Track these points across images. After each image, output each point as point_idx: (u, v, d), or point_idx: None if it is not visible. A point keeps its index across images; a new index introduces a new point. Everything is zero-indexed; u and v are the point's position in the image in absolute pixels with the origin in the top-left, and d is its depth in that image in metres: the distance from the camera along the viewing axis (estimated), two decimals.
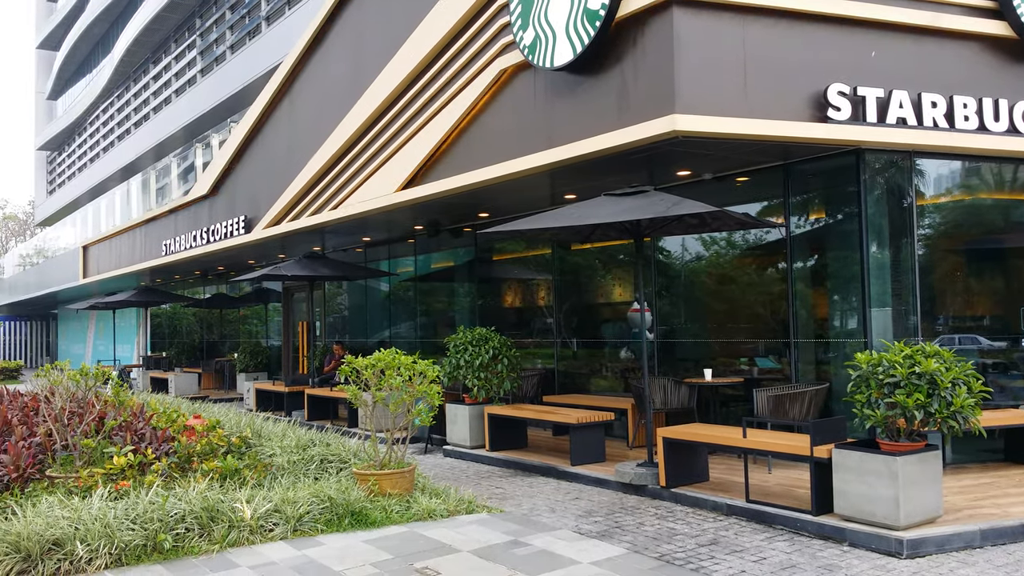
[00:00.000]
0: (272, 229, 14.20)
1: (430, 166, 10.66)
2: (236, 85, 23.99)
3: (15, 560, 5.98)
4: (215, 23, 27.54)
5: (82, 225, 29.03)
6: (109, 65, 36.45)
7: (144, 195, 24.66)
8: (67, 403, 8.90)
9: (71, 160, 46.34)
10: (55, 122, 48.42)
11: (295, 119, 14.03)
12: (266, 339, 20.97)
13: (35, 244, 39.95)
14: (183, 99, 28.63)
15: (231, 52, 25.69)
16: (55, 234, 35.44)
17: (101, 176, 38.04)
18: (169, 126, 29.47)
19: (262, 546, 6.69)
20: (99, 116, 40.74)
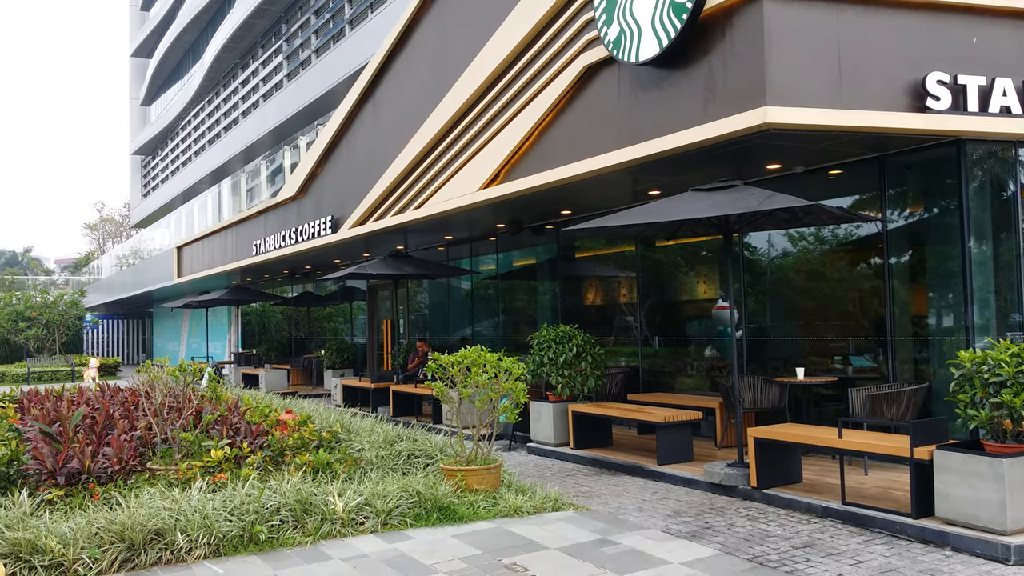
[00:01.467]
0: (357, 229, 14.45)
1: (513, 164, 10.68)
2: (321, 88, 24.54)
3: (119, 549, 6.22)
4: (300, 28, 28.21)
5: (176, 226, 30.12)
6: (199, 71, 37.72)
7: (234, 197, 25.44)
8: (166, 398, 9.24)
9: (164, 164, 48.13)
10: (148, 127, 50.37)
11: (379, 120, 14.26)
12: (351, 336, 21.38)
13: (131, 245, 41.61)
14: (270, 103, 29.41)
15: (316, 56, 26.27)
16: (150, 235, 36.88)
17: (193, 179, 39.40)
18: (257, 130, 30.33)
19: (353, 539, 6.81)
20: (190, 121, 42.20)
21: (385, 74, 13.97)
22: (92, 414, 9.78)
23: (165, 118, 45.67)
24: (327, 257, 18.25)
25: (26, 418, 10.50)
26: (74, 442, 8.21)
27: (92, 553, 6.11)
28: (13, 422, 10.03)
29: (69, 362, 31.78)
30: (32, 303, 35.32)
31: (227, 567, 6.17)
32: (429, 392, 13.05)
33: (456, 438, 8.49)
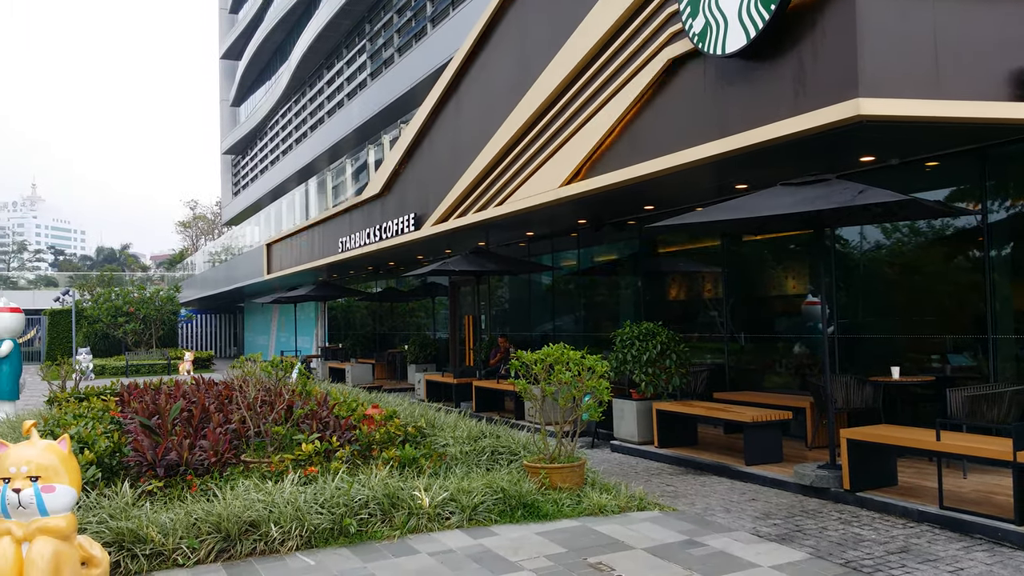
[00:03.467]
0: (440, 226, 14.60)
1: (595, 160, 10.62)
2: (403, 87, 24.86)
3: (216, 540, 6.44)
4: (383, 27, 28.63)
5: (265, 224, 30.98)
6: (286, 72, 38.67)
7: (320, 195, 26.02)
8: (259, 393, 9.52)
9: (253, 163, 49.56)
10: (238, 128, 51.93)
11: (461, 118, 14.36)
12: (433, 332, 21.64)
13: (222, 242, 43.00)
14: (354, 102, 29.95)
15: (398, 55, 26.63)
16: (240, 232, 38.04)
17: (280, 178, 40.45)
18: (342, 129, 30.93)
19: (439, 534, 6.90)
20: (278, 121, 43.32)
21: (467, 71, 14.07)
22: (189, 407, 10.14)
23: (254, 118, 47.00)
24: (410, 253, 18.50)
25: (126, 411, 10.96)
26: (172, 435, 8.54)
27: (190, 543, 6.34)
28: (114, 415, 10.47)
29: (165, 356, 33.06)
30: (130, 298, 36.85)
31: (319, 559, 6.32)
32: (511, 388, 13.12)
33: (539, 435, 8.51)
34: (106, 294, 37.62)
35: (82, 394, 13.68)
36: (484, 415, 13.48)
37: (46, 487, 5.53)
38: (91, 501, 6.83)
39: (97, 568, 5.88)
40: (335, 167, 26.16)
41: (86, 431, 8.09)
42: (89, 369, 18.30)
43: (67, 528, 5.63)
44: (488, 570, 5.93)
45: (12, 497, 5.48)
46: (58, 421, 9.58)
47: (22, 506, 5.48)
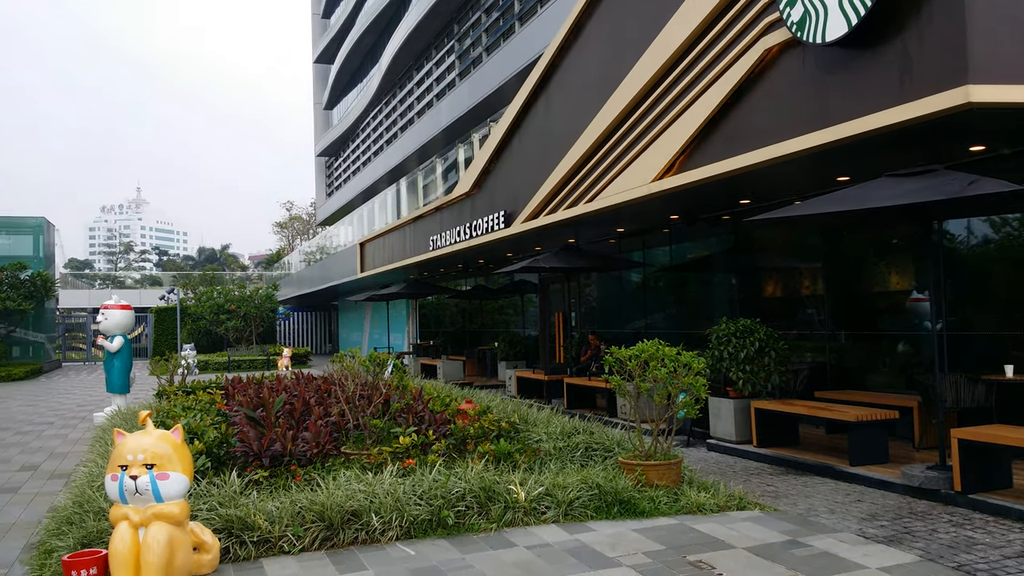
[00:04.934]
0: (530, 223, 14.63)
1: (688, 154, 10.47)
2: (492, 85, 25.02)
3: (320, 528, 6.62)
4: (471, 27, 28.87)
5: (358, 223, 31.65)
6: (377, 74, 39.42)
7: (411, 195, 26.43)
8: (357, 387, 9.73)
9: (346, 164, 50.70)
10: (331, 130, 53.20)
11: (551, 114, 14.36)
12: (522, 329, 21.71)
13: (317, 242, 44.15)
14: (443, 102, 30.31)
15: (487, 54, 26.80)
16: (334, 232, 38.97)
17: (372, 178, 41.27)
18: (431, 129, 31.34)
19: (535, 528, 6.92)
20: (369, 122, 44.20)
21: (556, 68, 14.05)
22: (290, 401, 10.46)
23: (346, 121, 48.07)
24: (500, 251, 18.60)
25: (231, 404, 11.38)
26: (276, 426, 8.80)
27: (295, 531, 6.53)
28: (220, 407, 10.88)
29: (264, 351, 34.16)
30: (231, 297, 38.21)
31: (418, 549, 6.43)
32: (603, 385, 13.07)
33: (633, 432, 8.44)
34: (208, 292, 39.11)
35: (189, 388, 14.25)
36: (576, 412, 13.46)
37: (161, 474, 5.79)
38: (201, 489, 7.10)
39: (208, 553, 6.12)
40: (425, 167, 26.52)
41: (195, 422, 8.43)
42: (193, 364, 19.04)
43: (180, 514, 5.87)
44: (586, 565, 5.92)
45: (130, 484, 5.75)
46: (168, 413, 10.00)
47: (139, 492, 5.74)
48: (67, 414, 17.95)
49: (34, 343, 35.93)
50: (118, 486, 5.77)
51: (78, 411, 18.56)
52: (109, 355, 15.68)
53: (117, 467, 5.81)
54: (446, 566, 6.01)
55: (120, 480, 5.77)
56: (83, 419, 16.76)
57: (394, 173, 36.82)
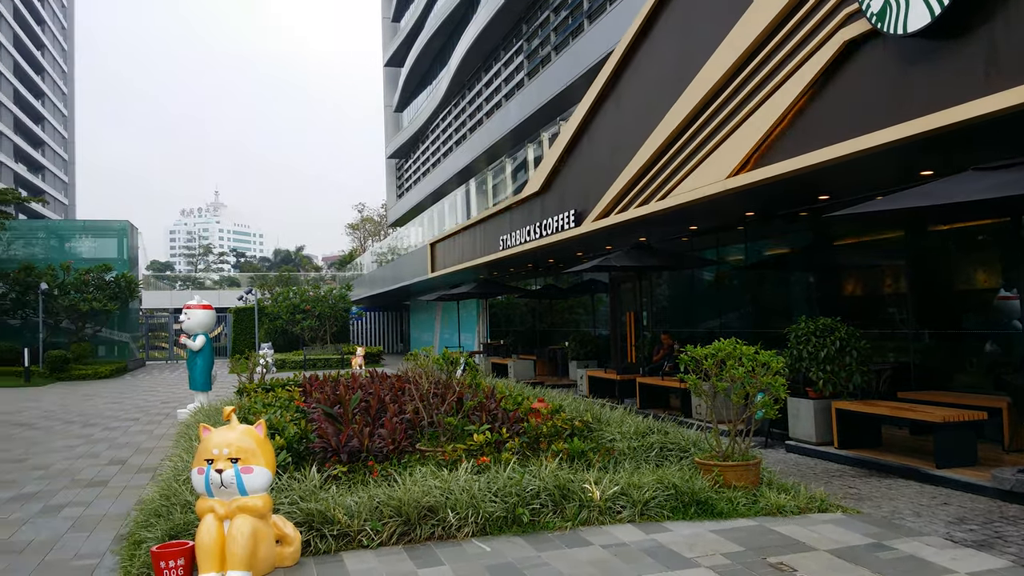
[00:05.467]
0: (600, 222, 14.55)
1: (764, 150, 10.28)
2: (561, 84, 24.98)
3: (397, 523, 6.71)
4: (540, 27, 28.89)
5: (428, 224, 31.97)
6: (446, 76, 39.75)
7: (480, 195, 26.57)
8: (431, 385, 9.83)
9: (416, 166, 51.29)
10: (401, 132, 53.88)
11: (621, 112, 14.27)
12: (593, 328, 21.62)
13: (388, 243, 44.74)
14: (512, 102, 30.39)
15: (555, 53, 26.78)
16: (404, 233, 39.45)
17: (441, 180, 41.65)
18: (500, 129, 31.46)
19: (611, 527, 6.89)
20: (438, 124, 44.62)
21: (627, 65, 13.96)
22: (366, 398, 10.61)
23: (416, 123, 48.62)
24: (570, 250, 18.56)
25: (309, 401, 11.61)
26: (353, 423, 8.95)
27: (374, 525, 6.63)
28: (298, 404, 11.11)
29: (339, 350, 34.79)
30: (306, 297, 39.02)
31: (494, 546, 6.46)
32: (676, 385, 12.93)
33: (710, 433, 8.32)
34: (284, 293, 40.01)
35: (268, 385, 14.59)
36: (649, 412, 13.34)
37: (245, 468, 5.94)
38: (283, 483, 7.27)
39: (290, 546, 6.26)
40: (494, 167, 26.61)
41: (276, 418, 8.63)
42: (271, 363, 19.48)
43: (263, 507, 6.02)
44: (663, 565, 5.86)
45: (215, 477, 5.91)
46: (249, 409, 10.25)
47: (224, 485, 5.90)
48: (152, 410, 18.58)
49: (119, 342, 37.30)
50: (204, 479, 5.95)
51: (162, 408, 19.19)
52: (192, 353, 16.16)
53: (203, 461, 5.98)
54: (522, 563, 6.02)
55: (206, 473, 5.94)
56: (167, 415, 17.32)
57: (463, 174, 37.08)
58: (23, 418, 17.56)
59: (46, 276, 32.63)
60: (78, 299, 33.25)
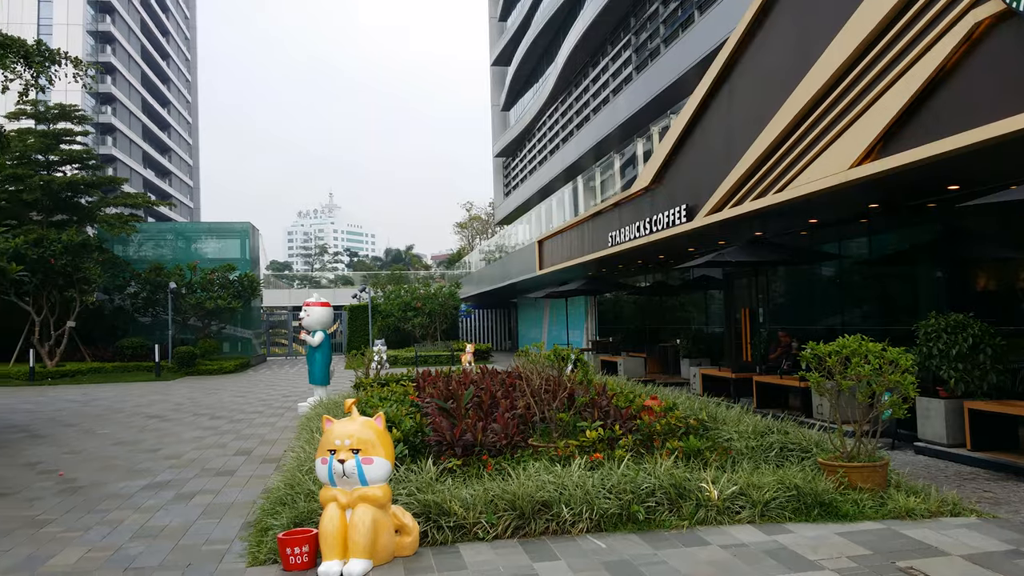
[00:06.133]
0: (713, 216, 14.24)
1: (889, 138, 9.81)
2: (670, 77, 24.61)
3: (512, 517, 6.74)
4: (648, 19, 28.54)
5: (536, 222, 32.06)
6: (553, 73, 39.76)
7: (588, 191, 26.46)
8: (541, 381, 9.84)
9: (522, 164, 51.55)
10: (508, 131, 54.24)
11: (734, 103, 13.92)
12: (705, 325, 21.21)
13: (495, 241, 45.14)
14: (620, 97, 30.13)
15: (664, 46, 26.40)
16: (512, 231, 39.70)
17: (548, 177, 41.70)
18: (607, 125, 31.25)
19: (729, 527, 6.74)
20: (545, 122, 44.70)
21: (742, 54, 13.60)
22: (478, 394, 10.73)
23: (522, 121, 48.84)
24: (681, 246, 18.25)
25: (422, 395, 11.82)
26: (466, 417, 9.06)
27: (489, 518, 6.69)
28: (413, 399, 11.33)
29: (449, 347, 35.32)
30: (417, 295, 39.81)
31: (609, 543, 6.41)
32: (795, 384, 12.54)
33: (834, 433, 8.03)
34: (396, 291, 40.94)
35: (383, 380, 14.95)
36: (766, 411, 12.98)
37: (365, 459, 6.09)
38: (400, 475, 7.42)
39: (409, 536, 6.38)
40: (602, 163, 26.45)
41: (392, 412, 8.82)
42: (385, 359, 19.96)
43: (383, 497, 6.16)
44: (785, 567, 5.69)
45: (338, 467, 6.09)
46: (367, 403, 10.51)
47: (346, 475, 6.07)
48: (274, 404, 19.32)
49: (242, 339, 38.98)
50: (327, 469, 6.14)
51: (283, 401, 19.93)
52: (311, 349, 16.71)
53: (326, 451, 6.17)
54: (638, 560, 5.95)
55: (329, 463, 6.13)
56: (288, 409, 17.98)
57: (570, 171, 37.02)
58: (155, 410, 18.56)
59: (174, 276, 34.40)
60: (204, 297, 34.93)
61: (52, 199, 33.20)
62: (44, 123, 34.93)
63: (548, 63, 42.84)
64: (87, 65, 12.63)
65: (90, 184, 34.15)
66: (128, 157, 75.14)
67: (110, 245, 34.89)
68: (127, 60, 77.67)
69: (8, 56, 10.97)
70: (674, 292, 22.79)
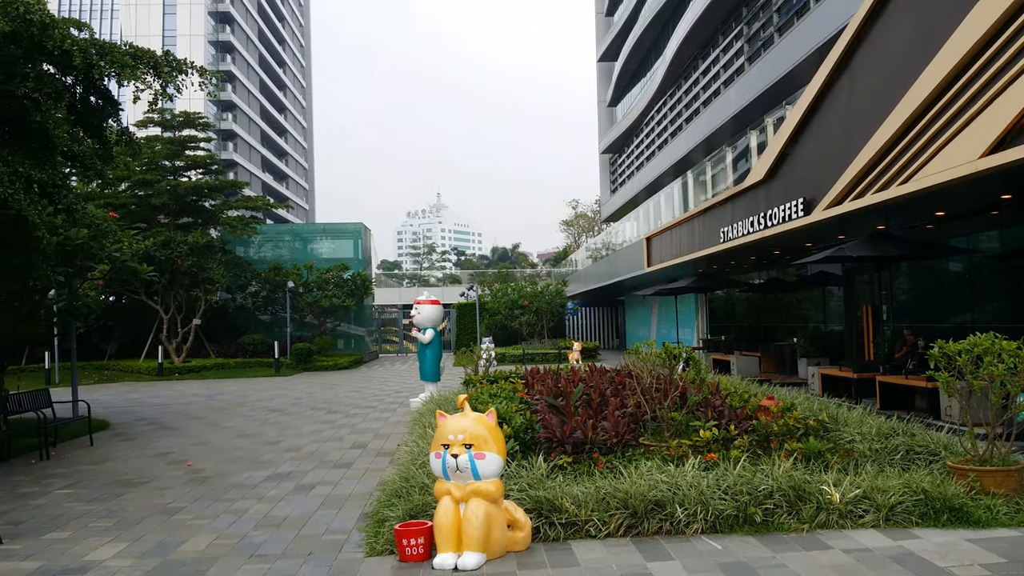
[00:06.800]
0: (832, 210, 13.72)
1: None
2: (785, 67, 23.90)
3: (624, 515, 6.68)
4: (761, 8, 27.78)
5: (644, 218, 31.69)
6: (660, 67, 39.22)
7: (698, 186, 25.97)
8: (653, 380, 9.71)
9: (629, 160, 51.07)
10: (615, 127, 53.83)
11: (854, 92, 13.37)
12: (823, 323, 20.50)
13: (601, 239, 44.87)
14: (731, 90, 29.46)
15: (778, 35, 25.65)
16: (619, 228, 39.36)
17: (656, 173, 41.16)
18: (718, 117, 30.60)
19: (852, 531, 6.50)
20: (653, 117, 44.14)
21: (861, 42, 13.05)
22: (587, 391, 10.68)
23: (629, 117, 48.39)
24: (797, 241, 17.67)
25: (531, 392, 11.86)
26: (576, 415, 9.03)
27: (601, 516, 6.65)
28: (522, 396, 11.38)
29: (555, 345, 35.34)
30: (524, 293, 40.01)
31: (725, 544, 6.27)
32: (922, 384, 11.96)
33: (964, 436, 7.61)
34: (503, 289, 41.25)
35: (491, 377, 15.08)
36: (890, 413, 12.42)
37: (478, 454, 6.15)
38: (511, 471, 7.46)
39: (521, 531, 6.41)
40: (713, 157, 25.90)
41: (503, 408, 8.88)
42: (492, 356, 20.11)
43: (496, 492, 6.21)
44: (913, 574, 5.44)
45: (451, 461, 6.17)
46: (477, 399, 10.63)
47: (459, 470, 6.15)
48: (386, 399, 19.79)
49: (355, 336, 40.06)
50: (441, 463, 6.23)
51: (395, 397, 20.39)
52: (422, 346, 17.02)
53: (440, 446, 6.27)
54: (756, 563, 5.80)
55: (443, 458, 6.22)
56: (400, 404, 18.38)
57: (679, 166, 36.44)
58: (275, 404, 19.30)
59: (292, 275, 35.70)
60: (320, 296, 36.10)
61: (178, 203, 34.99)
62: (170, 130, 36.89)
63: (656, 57, 42.29)
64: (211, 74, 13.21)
65: (213, 188, 35.81)
66: (247, 161, 78.51)
67: (232, 246, 36.48)
68: (246, 68, 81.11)
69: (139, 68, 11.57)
70: (790, 289, 22.10)
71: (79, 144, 13.01)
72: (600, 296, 45.06)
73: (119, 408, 19.22)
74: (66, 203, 11.55)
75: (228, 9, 77.15)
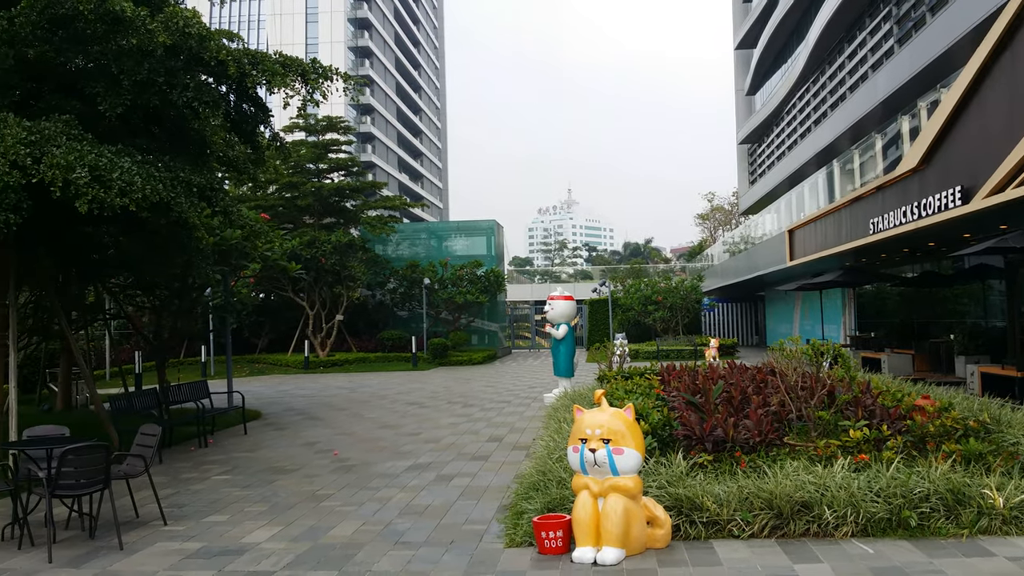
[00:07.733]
0: (994, 198, 12.82)
1: None
2: (939, 48, 22.51)
3: (768, 516, 6.48)
4: None
5: (786, 210, 30.61)
6: (803, 53, 37.74)
7: (844, 176, 24.86)
8: (798, 377, 9.36)
9: (769, 150, 49.43)
10: (753, 116, 52.23)
11: (1018, 71, 12.43)
12: (983, 319, 19.21)
13: (739, 232, 43.65)
14: (879, 73, 28.02)
15: (930, 14, 24.20)
16: (758, 221, 38.18)
17: (798, 163, 39.65)
18: (865, 103, 29.17)
19: (1017, 539, 6.11)
20: (794, 104, 42.54)
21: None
22: (727, 389, 10.41)
23: (769, 105, 46.83)
24: (954, 231, 16.61)
25: (667, 389, 11.67)
26: (716, 413, 8.82)
27: (744, 516, 6.47)
28: (658, 392, 11.22)
29: (691, 341, 34.69)
30: (657, 288, 39.46)
31: (877, 548, 6.00)
32: None
33: None
34: (636, 284, 40.84)
35: (626, 373, 14.95)
36: None
37: (616, 449, 6.11)
38: (649, 468, 7.37)
39: (661, 529, 6.32)
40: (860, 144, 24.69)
41: (639, 404, 8.78)
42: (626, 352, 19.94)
43: (635, 488, 6.15)
44: None
45: (589, 456, 6.16)
46: (612, 395, 10.55)
47: (597, 464, 6.13)
48: (520, 394, 19.97)
49: (488, 331, 40.65)
50: (579, 457, 6.23)
51: (529, 391, 20.55)
52: (555, 341, 17.07)
53: (578, 440, 6.26)
54: (911, 568, 5.51)
55: (580, 452, 6.22)
56: (534, 399, 18.51)
57: (823, 155, 34.96)
58: (413, 397, 19.84)
59: (428, 272, 36.62)
60: (455, 292, 36.85)
61: (322, 204, 36.53)
62: (314, 135, 38.50)
63: (798, 42, 40.74)
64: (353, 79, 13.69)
65: (354, 189, 37.19)
66: (385, 162, 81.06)
67: (372, 245, 37.74)
68: (383, 72, 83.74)
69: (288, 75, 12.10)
70: (946, 283, 20.81)
71: (232, 149, 13.79)
72: (738, 291, 43.88)
73: (269, 399, 20.25)
74: (222, 205, 12.25)
75: (366, 15, 79.87)
